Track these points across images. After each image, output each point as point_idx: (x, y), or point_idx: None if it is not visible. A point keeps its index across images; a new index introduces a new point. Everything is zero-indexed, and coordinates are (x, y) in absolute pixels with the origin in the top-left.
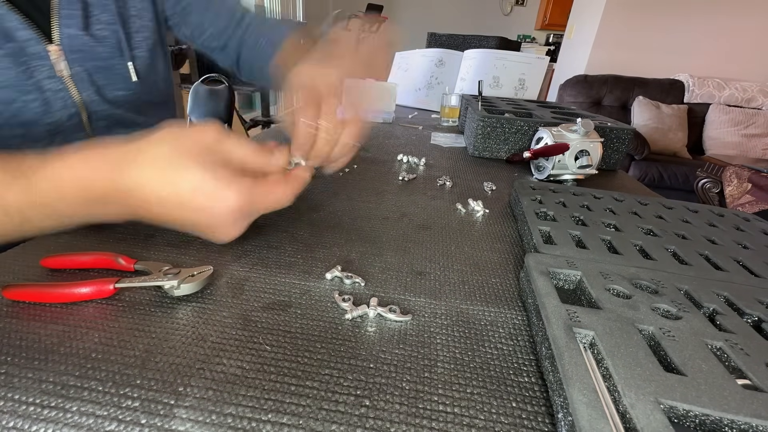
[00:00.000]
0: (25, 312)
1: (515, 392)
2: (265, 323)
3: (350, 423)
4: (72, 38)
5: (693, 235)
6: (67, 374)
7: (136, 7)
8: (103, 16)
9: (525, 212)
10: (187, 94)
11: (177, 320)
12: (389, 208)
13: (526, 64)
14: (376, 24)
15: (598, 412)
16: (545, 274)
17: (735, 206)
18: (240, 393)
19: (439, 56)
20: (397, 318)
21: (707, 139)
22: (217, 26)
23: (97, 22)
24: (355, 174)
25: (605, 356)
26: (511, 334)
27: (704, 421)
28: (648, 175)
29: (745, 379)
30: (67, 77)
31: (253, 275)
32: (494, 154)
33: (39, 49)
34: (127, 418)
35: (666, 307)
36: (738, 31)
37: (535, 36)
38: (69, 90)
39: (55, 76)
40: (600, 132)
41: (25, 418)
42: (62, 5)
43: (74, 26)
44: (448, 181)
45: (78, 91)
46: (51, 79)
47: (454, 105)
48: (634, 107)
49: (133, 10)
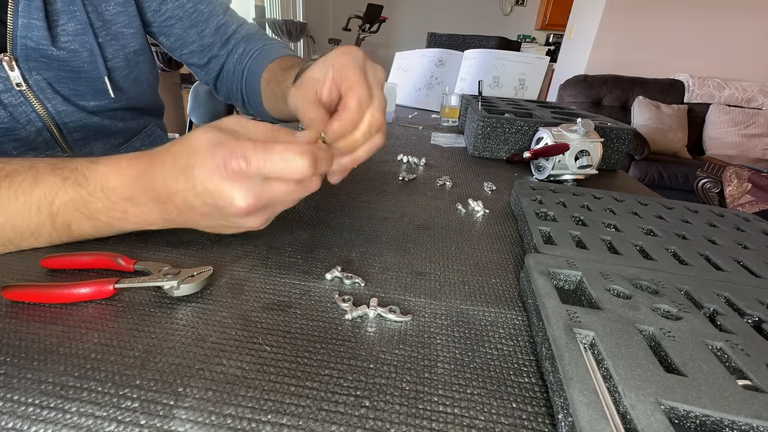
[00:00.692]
0: (25, 312)
1: (515, 393)
2: (265, 324)
3: (350, 424)
4: (30, 50)
5: (693, 236)
6: (66, 375)
7: (111, 12)
8: (69, 26)
9: (525, 212)
10: (187, 94)
11: (177, 321)
12: (389, 208)
13: (526, 64)
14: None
15: (599, 413)
16: (545, 275)
17: (735, 206)
18: (240, 393)
19: (439, 56)
20: (397, 318)
21: (707, 139)
22: (202, 42)
23: (63, 34)
24: (355, 174)
25: (605, 357)
26: (511, 335)
27: (705, 422)
28: (648, 175)
29: (746, 379)
30: (25, 88)
31: (253, 275)
32: (494, 154)
33: None
34: (126, 418)
35: (666, 307)
36: (738, 31)
37: (535, 36)
38: (31, 102)
39: (12, 89)
40: (600, 132)
41: (24, 418)
42: (21, 13)
43: (35, 38)
44: (448, 181)
45: (41, 102)
46: (8, 92)
47: (454, 105)
48: (634, 107)
49: (108, 15)
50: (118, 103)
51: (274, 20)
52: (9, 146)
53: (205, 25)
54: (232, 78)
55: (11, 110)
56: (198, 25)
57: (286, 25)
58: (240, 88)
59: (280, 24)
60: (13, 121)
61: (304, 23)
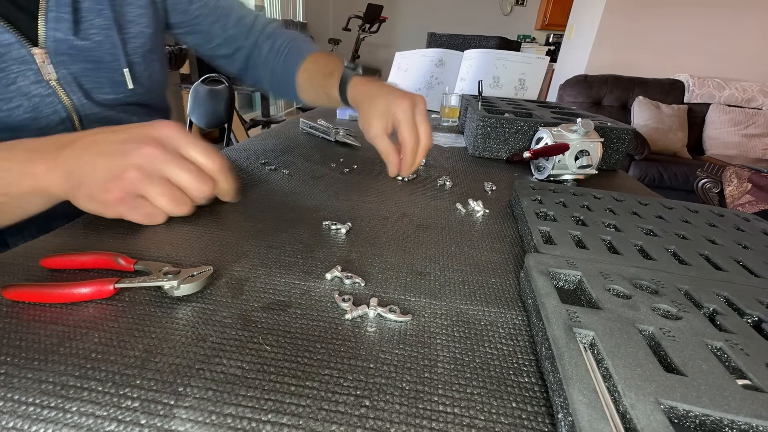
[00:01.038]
0: (25, 312)
1: (515, 392)
2: (265, 323)
3: (350, 423)
4: (59, 42)
5: (693, 235)
6: (66, 374)
7: (134, 13)
8: (97, 21)
9: (525, 212)
10: (187, 94)
11: (177, 320)
12: (389, 208)
13: (526, 64)
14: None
15: (598, 413)
16: (545, 274)
17: (735, 206)
18: (240, 393)
19: (439, 56)
20: (397, 318)
21: (707, 139)
22: (226, 35)
23: (90, 27)
24: (355, 174)
25: (605, 356)
26: (511, 335)
27: (704, 422)
28: (648, 175)
29: (746, 379)
30: (54, 81)
31: (253, 275)
32: (494, 154)
33: (23, 53)
34: (126, 418)
35: (666, 307)
36: (738, 31)
37: (535, 36)
38: (58, 94)
39: (42, 80)
40: (600, 132)
41: (24, 418)
42: (50, 8)
43: (63, 30)
44: (448, 181)
45: (67, 95)
46: (38, 84)
47: (454, 105)
48: (634, 107)
49: (131, 16)
50: (133, 97)
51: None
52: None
53: (227, 20)
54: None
55: (37, 101)
56: (221, 20)
57: (286, 25)
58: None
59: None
60: (38, 111)
61: (304, 23)
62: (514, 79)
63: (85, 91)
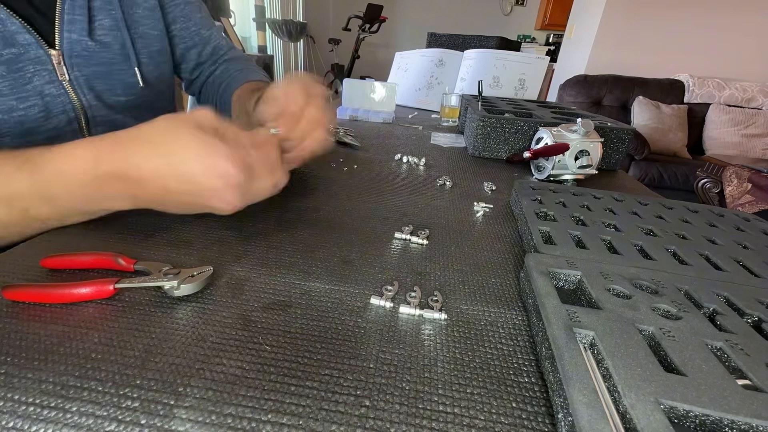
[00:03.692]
0: (25, 312)
1: (515, 392)
2: (265, 323)
3: (350, 423)
4: (74, 43)
5: (693, 235)
6: (66, 374)
7: (140, 14)
8: (105, 22)
9: (525, 212)
10: (187, 95)
11: (177, 320)
12: (389, 208)
13: (526, 64)
14: (376, 24)
15: (598, 413)
16: (545, 274)
17: (735, 206)
18: (240, 393)
19: (439, 56)
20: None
21: (707, 139)
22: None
23: (99, 28)
24: (355, 174)
25: (605, 356)
26: (511, 335)
27: (704, 422)
28: (648, 175)
29: (746, 379)
30: (66, 82)
31: (253, 275)
32: (494, 154)
33: (40, 53)
34: (126, 418)
35: (666, 307)
36: (738, 31)
37: (535, 36)
38: (69, 94)
39: (56, 80)
40: (600, 132)
41: (24, 418)
42: (66, 10)
43: (77, 31)
44: (448, 181)
45: (77, 96)
46: (51, 84)
47: (454, 105)
48: (634, 107)
49: (137, 16)
50: (142, 99)
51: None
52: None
53: (203, 48)
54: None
55: (49, 100)
56: (198, 47)
57: (286, 25)
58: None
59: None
60: (48, 111)
61: (304, 23)
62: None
63: (97, 94)
